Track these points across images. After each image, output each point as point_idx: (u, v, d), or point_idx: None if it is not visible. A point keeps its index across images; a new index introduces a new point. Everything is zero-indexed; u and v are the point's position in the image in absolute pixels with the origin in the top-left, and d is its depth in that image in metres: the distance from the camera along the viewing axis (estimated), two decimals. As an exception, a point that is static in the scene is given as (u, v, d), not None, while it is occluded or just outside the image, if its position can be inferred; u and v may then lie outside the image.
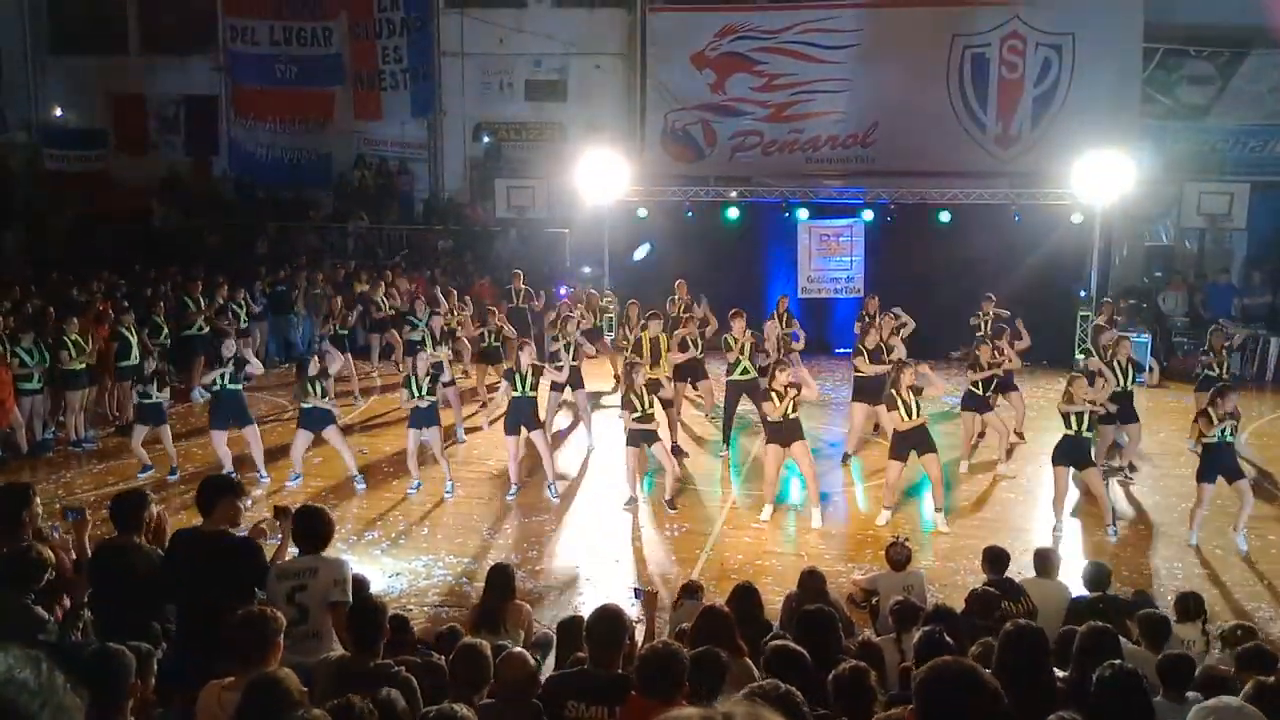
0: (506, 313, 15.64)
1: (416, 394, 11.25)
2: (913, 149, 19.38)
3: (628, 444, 11.13)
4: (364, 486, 11.63)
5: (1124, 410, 11.78)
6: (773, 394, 10.47)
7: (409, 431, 11.50)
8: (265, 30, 22.64)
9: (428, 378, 11.38)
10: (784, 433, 10.51)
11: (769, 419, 10.57)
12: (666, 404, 12.22)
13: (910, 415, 10.39)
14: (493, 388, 13.86)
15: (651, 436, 11.01)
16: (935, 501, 10.66)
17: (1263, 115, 19.13)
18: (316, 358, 11.85)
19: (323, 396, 11.43)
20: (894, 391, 10.47)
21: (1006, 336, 12.92)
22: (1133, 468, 12.19)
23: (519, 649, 4.61)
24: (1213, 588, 9.14)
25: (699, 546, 10.17)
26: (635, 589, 6.33)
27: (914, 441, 10.45)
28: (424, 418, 11.39)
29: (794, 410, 10.43)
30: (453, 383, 13.42)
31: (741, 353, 12.50)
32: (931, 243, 17.58)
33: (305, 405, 11.49)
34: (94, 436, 13.27)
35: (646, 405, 10.89)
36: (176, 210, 22.58)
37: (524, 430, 11.27)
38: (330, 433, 11.58)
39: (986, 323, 14.31)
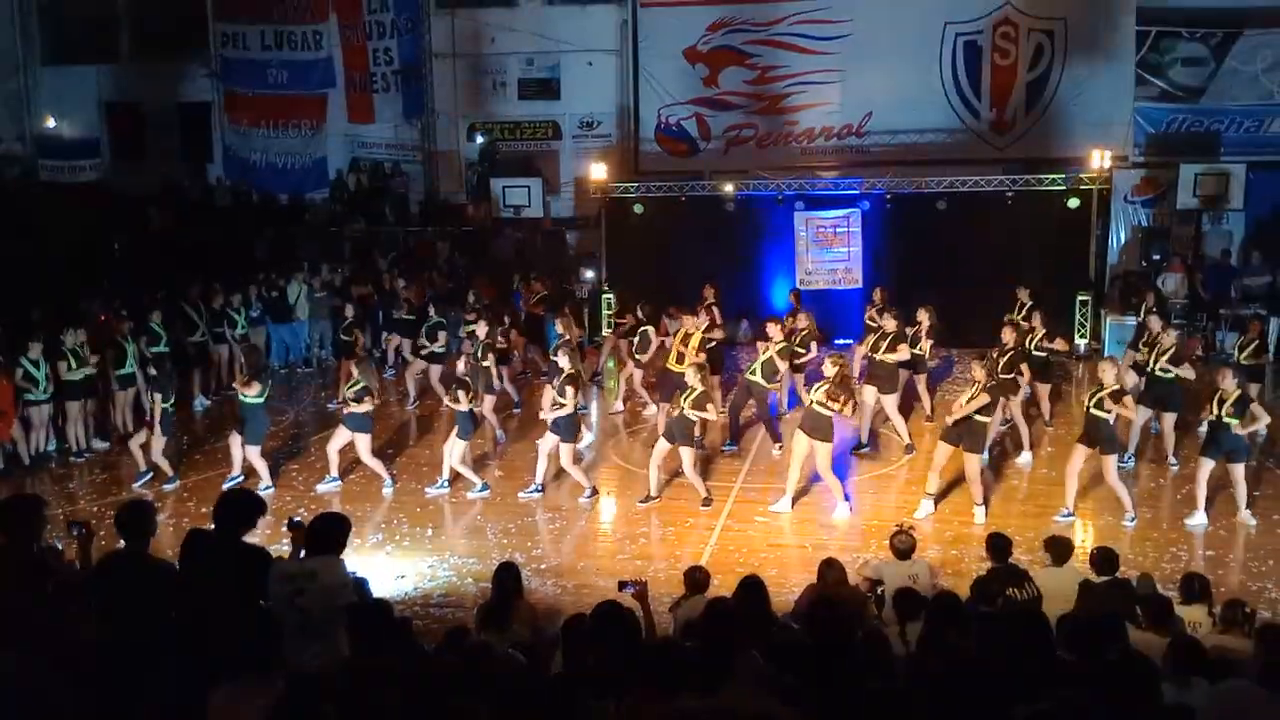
0: (526, 319, 15.68)
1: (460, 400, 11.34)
2: (907, 138, 19.41)
3: (682, 444, 10.94)
4: (389, 491, 11.59)
5: (1160, 396, 11.81)
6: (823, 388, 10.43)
7: (459, 440, 11.42)
8: (256, 35, 22.61)
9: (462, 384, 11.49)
10: (807, 422, 10.51)
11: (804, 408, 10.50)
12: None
13: (964, 402, 10.35)
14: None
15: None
16: (973, 496, 10.56)
17: (1257, 95, 19.12)
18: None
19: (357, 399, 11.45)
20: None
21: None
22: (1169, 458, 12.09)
23: (509, 652, 4.60)
24: (1217, 569, 9.15)
25: (704, 541, 10.18)
26: (621, 582, 6.28)
27: (962, 431, 10.37)
28: (469, 423, 11.45)
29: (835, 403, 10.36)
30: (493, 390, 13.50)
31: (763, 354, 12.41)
32: (929, 231, 17.57)
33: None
34: (96, 447, 13.26)
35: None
36: (173, 218, 22.55)
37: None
38: (361, 441, 11.50)
39: (1020, 308, 14.21)
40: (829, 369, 10.51)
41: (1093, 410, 10.19)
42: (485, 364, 13.00)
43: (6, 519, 5.63)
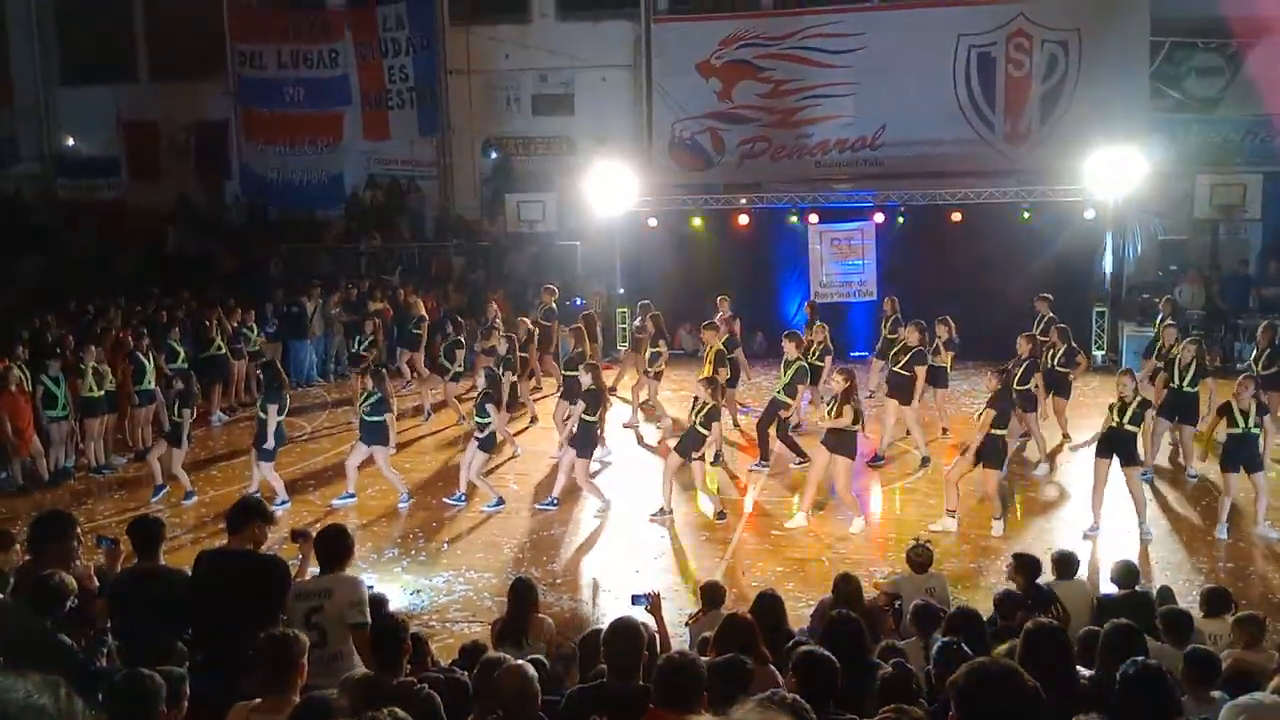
0: (543, 332, 15.75)
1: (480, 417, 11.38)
2: (921, 150, 19.38)
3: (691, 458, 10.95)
4: (405, 505, 11.60)
5: (1179, 409, 11.73)
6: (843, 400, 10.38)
7: (479, 453, 11.44)
8: (273, 54, 22.79)
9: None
10: (830, 439, 10.47)
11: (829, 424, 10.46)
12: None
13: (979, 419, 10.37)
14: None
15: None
16: (993, 510, 10.51)
17: (1273, 105, 19.00)
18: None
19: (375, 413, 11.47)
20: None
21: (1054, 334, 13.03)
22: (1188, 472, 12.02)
23: (517, 662, 4.59)
24: (1237, 581, 9.07)
25: (719, 555, 10.16)
26: (635, 596, 6.25)
27: (980, 450, 10.28)
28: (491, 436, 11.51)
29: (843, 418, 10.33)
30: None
31: (784, 372, 12.40)
32: (944, 243, 17.55)
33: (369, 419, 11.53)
34: (116, 463, 13.34)
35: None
36: (190, 235, 22.71)
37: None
38: (380, 453, 11.54)
39: (1039, 322, 14.13)
40: (837, 384, 10.49)
41: (1128, 426, 10.11)
42: (502, 376, 13.14)
43: (38, 535, 5.61)
